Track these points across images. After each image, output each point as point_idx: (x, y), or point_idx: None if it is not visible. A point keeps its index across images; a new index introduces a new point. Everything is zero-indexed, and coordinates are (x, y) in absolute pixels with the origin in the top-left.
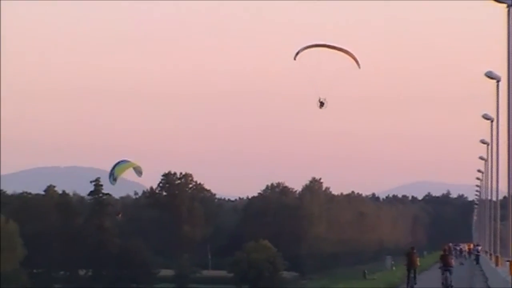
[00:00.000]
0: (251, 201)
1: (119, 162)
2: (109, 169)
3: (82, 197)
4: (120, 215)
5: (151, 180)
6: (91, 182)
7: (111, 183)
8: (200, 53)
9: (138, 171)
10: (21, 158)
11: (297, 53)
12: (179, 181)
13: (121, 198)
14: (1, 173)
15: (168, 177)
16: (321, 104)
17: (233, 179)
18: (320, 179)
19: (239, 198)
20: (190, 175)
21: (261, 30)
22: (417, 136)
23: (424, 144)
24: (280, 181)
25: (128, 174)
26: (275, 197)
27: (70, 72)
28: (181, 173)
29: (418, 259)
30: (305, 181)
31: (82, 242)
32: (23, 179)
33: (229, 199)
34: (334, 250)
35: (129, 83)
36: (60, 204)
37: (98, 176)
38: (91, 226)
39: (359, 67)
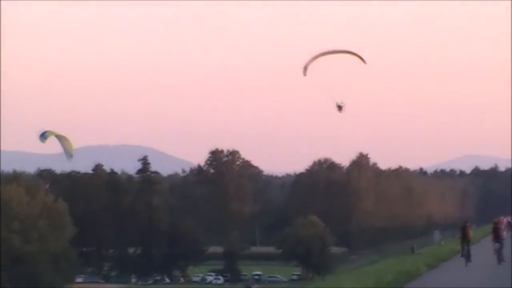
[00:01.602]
0: (299, 177)
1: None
2: (157, 147)
3: (130, 176)
4: (48, 186)
5: (198, 157)
6: (139, 160)
7: (41, 140)
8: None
9: (69, 154)
10: (70, 136)
11: (305, 69)
12: (226, 158)
13: (169, 176)
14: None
15: (215, 154)
16: (339, 108)
17: (280, 155)
18: (367, 154)
19: (286, 174)
20: (238, 152)
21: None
22: (465, 109)
23: (472, 117)
24: (327, 157)
25: (176, 151)
26: (323, 173)
27: (122, 52)
28: (228, 150)
29: (471, 232)
30: (353, 156)
31: (132, 221)
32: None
33: (276, 176)
34: (383, 225)
35: (179, 61)
36: (109, 183)
37: (146, 154)
38: (140, 204)
39: (365, 63)
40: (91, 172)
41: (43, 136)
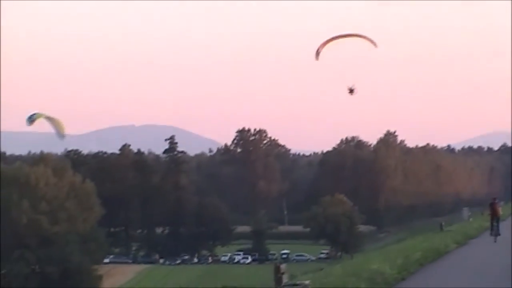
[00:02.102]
0: (326, 155)
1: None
2: (183, 127)
3: (157, 156)
4: None
5: (225, 136)
6: (165, 140)
7: (28, 123)
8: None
9: (61, 135)
10: (96, 117)
11: (317, 53)
12: (253, 137)
13: (196, 155)
14: (77, 133)
15: (242, 134)
16: (351, 91)
17: (307, 134)
18: (394, 132)
19: (314, 153)
20: (264, 131)
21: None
22: (490, 85)
23: (498, 94)
24: (354, 135)
25: (202, 130)
26: (350, 151)
27: (150, 34)
28: (255, 129)
29: (500, 208)
30: (380, 134)
31: (159, 201)
32: (99, 139)
33: (303, 154)
34: (411, 202)
35: (206, 43)
36: (136, 163)
37: (173, 134)
38: (167, 184)
39: (376, 46)
40: (118, 152)
41: (31, 119)
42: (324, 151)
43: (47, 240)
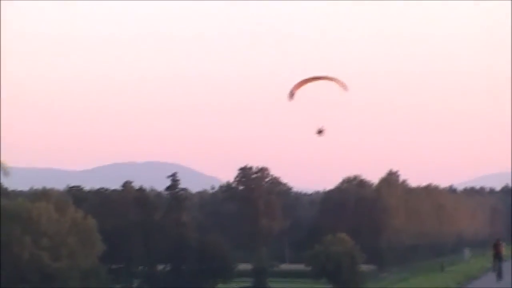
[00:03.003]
0: (328, 194)
1: None
2: (185, 164)
3: (159, 192)
4: None
5: (228, 174)
6: (168, 177)
7: None
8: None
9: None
10: (98, 154)
11: (291, 94)
12: (255, 175)
13: (198, 192)
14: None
15: (244, 171)
16: (320, 132)
17: (309, 172)
18: (397, 171)
19: (316, 191)
20: (267, 169)
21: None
22: (493, 125)
23: (502, 134)
24: (357, 174)
25: (204, 168)
26: (353, 190)
27: (151, 66)
28: (257, 167)
29: (504, 249)
30: (382, 173)
31: (161, 237)
32: (101, 175)
33: (305, 193)
34: (413, 242)
35: (208, 78)
36: (138, 199)
37: (175, 171)
38: (169, 221)
39: (346, 90)
40: (120, 188)
41: None
42: (326, 189)
43: (48, 276)
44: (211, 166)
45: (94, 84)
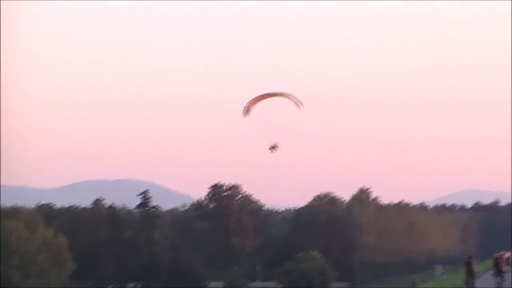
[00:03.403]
0: (300, 211)
1: None
2: (156, 182)
3: (130, 210)
4: None
5: (200, 191)
6: (139, 195)
7: None
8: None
9: None
10: (69, 172)
11: (247, 110)
12: (227, 193)
13: (169, 210)
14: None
15: (216, 189)
16: (273, 147)
17: (281, 190)
18: (368, 189)
19: (287, 209)
20: (238, 186)
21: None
22: (465, 143)
23: (472, 152)
24: (328, 191)
25: (176, 185)
26: (324, 207)
27: (123, 85)
28: (229, 185)
29: (476, 266)
30: (354, 190)
31: (132, 255)
32: (72, 193)
33: (277, 210)
34: (385, 259)
35: (178, 94)
36: (108, 217)
37: (146, 188)
38: (140, 239)
39: (300, 107)
40: (90, 206)
41: None
42: (298, 207)
43: None
44: (183, 184)
45: (64, 99)
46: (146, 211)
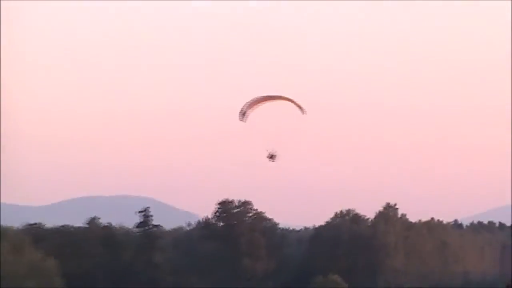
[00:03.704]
0: (318, 231)
1: None
2: (158, 198)
3: (128, 230)
4: None
5: (205, 209)
6: (137, 212)
7: None
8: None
9: None
10: (59, 187)
11: (244, 115)
12: (236, 210)
13: (172, 230)
14: (38, 204)
15: (224, 206)
16: (271, 156)
17: (297, 206)
18: (395, 205)
19: (305, 227)
20: (249, 203)
21: None
22: (503, 153)
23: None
24: (350, 208)
25: (180, 203)
26: (346, 225)
27: (121, 100)
28: (239, 201)
29: None
30: (379, 207)
31: (130, 281)
32: (62, 211)
33: (293, 229)
34: (414, 284)
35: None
36: (104, 238)
37: (146, 206)
38: (140, 262)
39: (303, 113)
40: (84, 226)
41: None
42: (316, 225)
43: None
44: (186, 200)
45: (56, 112)
46: (146, 230)
